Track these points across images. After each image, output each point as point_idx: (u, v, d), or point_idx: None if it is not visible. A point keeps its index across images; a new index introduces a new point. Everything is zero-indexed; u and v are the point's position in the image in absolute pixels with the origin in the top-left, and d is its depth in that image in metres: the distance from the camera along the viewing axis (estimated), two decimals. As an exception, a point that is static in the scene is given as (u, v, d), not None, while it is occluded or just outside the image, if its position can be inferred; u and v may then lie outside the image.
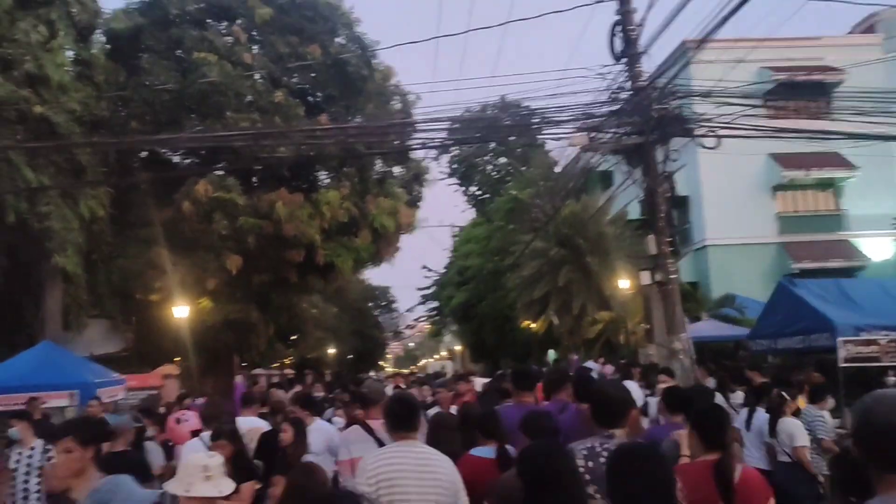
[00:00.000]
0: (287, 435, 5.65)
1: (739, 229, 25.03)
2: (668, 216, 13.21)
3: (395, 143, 17.25)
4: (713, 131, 12.82)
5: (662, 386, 7.56)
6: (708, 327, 17.63)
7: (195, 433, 6.33)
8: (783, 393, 6.64)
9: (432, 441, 4.63)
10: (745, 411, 7.11)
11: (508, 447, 4.31)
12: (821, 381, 8.16)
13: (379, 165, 20.16)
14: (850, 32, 28.89)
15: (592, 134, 13.28)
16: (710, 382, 10.61)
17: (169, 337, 18.24)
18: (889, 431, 1.99)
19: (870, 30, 27.65)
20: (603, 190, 28.08)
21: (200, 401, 10.84)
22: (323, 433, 6.23)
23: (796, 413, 6.68)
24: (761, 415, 6.82)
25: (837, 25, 49.56)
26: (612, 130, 13.55)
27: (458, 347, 51.57)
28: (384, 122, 17.17)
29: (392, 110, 19.47)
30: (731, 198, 25.19)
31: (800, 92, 25.00)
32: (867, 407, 2.10)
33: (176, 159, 19.77)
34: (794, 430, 6.39)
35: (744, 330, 15.99)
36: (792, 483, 6.11)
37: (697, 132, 12.93)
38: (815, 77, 24.26)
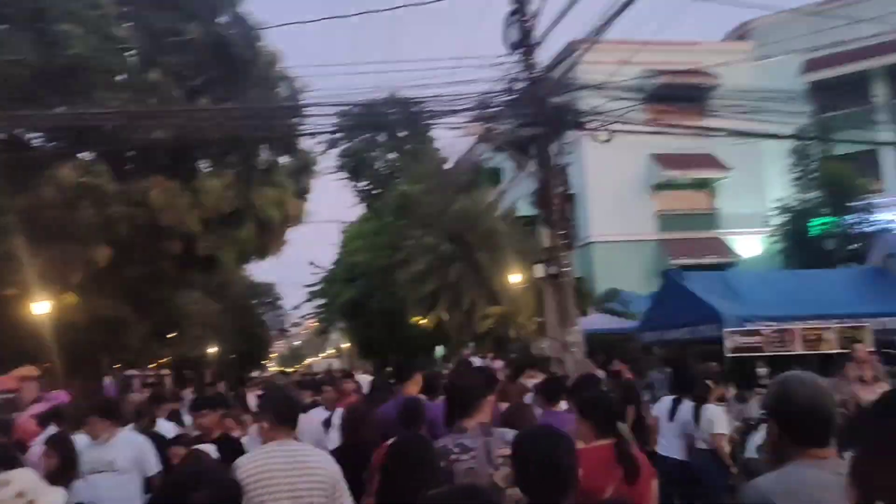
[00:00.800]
0: (50, 461, 4.79)
1: (622, 226, 25.76)
2: (562, 209, 13.20)
3: (283, 129, 16.44)
4: (605, 125, 12.95)
5: (530, 381, 7.55)
6: (597, 320, 17.93)
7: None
8: (707, 381, 6.62)
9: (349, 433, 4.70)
10: (669, 400, 7.05)
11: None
12: (719, 371, 8.25)
13: (265, 154, 19.22)
14: (724, 39, 30.39)
15: (488, 124, 13.11)
16: (600, 374, 10.66)
17: (28, 336, 16.63)
18: (811, 410, 2.21)
19: (743, 37, 29.16)
20: (492, 186, 28.22)
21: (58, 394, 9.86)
22: (131, 447, 5.56)
23: (721, 399, 6.69)
24: (686, 405, 6.77)
25: (714, 32, 52.14)
26: (508, 122, 13.46)
27: (345, 345, 50.72)
28: (270, 106, 16.34)
29: (279, 96, 18.59)
30: (615, 196, 25.88)
31: (679, 94, 26.01)
32: (789, 388, 2.30)
33: (37, 141, 18.06)
34: (715, 417, 6.40)
35: (632, 322, 16.31)
36: (706, 470, 6.08)
37: (590, 126, 13.01)
38: (694, 80, 25.30)
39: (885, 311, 11.01)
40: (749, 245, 26.40)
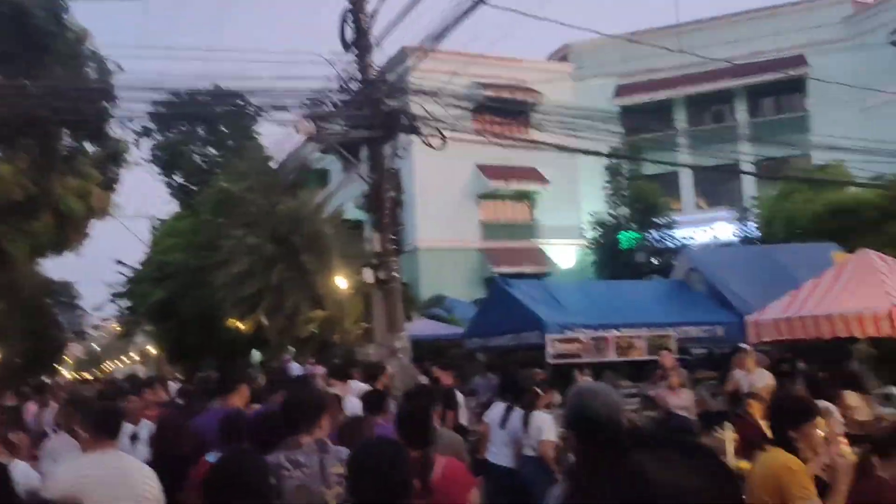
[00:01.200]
0: None
1: (448, 234, 26.17)
2: (393, 213, 13.07)
3: (89, 113, 14.97)
4: (439, 131, 12.98)
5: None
6: (423, 326, 17.97)
7: None
8: (537, 388, 6.63)
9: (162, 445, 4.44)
10: (501, 408, 6.98)
11: None
12: (545, 377, 8.40)
13: (68, 139, 17.43)
14: (548, 58, 31.93)
15: (320, 123, 12.67)
16: (423, 380, 10.60)
17: None
18: (605, 421, 2.34)
19: (564, 58, 30.78)
20: (319, 188, 27.63)
21: None
22: None
23: (548, 406, 6.72)
24: (517, 413, 6.74)
25: (538, 51, 54.57)
26: (341, 123, 13.10)
27: (152, 349, 47.37)
28: (75, 86, 14.82)
29: (86, 77, 16.94)
30: (441, 203, 26.25)
31: (506, 107, 26.95)
32: (582, 400, 2.45)
33: None
34: (543, 424, 6.41)
35: (458, 329, 16.49)
36: (532, 478, 6.08)
37: (424, 131, 12.98)
38: (519, 95, 26.30)
39: (687, 320, 11.89)
40: (565, 255, 27.83)
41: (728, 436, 7.75)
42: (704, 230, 25.10)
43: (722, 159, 22.70)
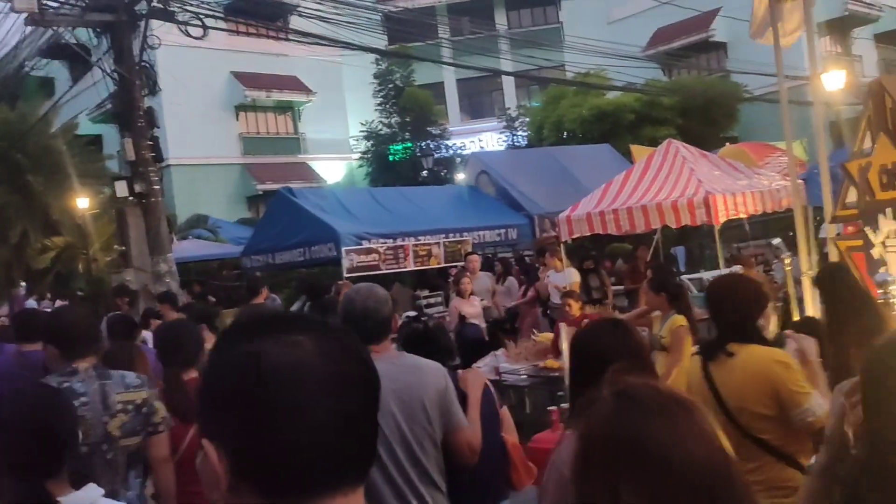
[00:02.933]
0: None
1: (203, 149, 23.72)
2: (149, 116, 11.04)
3: None
4: (199, 18, 11.08)
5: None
6: (191, 247, 15.99)
7: None
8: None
9: None
10: None
11: None
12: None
13: None
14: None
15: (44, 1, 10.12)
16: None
17: None
18: (364, 315, 2.62)
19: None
20: (44, 99, 23.47)
21: None
22: None
23: None
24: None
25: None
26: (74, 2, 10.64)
27: None
28: None
29: None
30: (193, 115, 23.57)
31: (260, 10, 24.63)
32: (348, 298, 2.80)
33: None
34: None
35: (230, 248, 14.88)
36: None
37: (181, 17, 11.00)
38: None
39: (482, 224, 11.58)
40: (334, 170, 26.68)
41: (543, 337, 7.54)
42: (472, 141, 25.30)
43: (483, 72, 22.91)
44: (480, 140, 25.14)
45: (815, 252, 5.85)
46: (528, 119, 21.28)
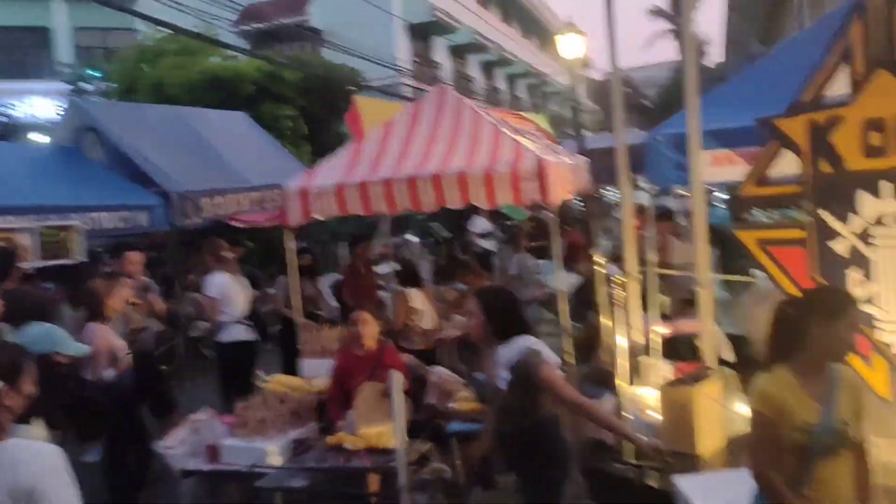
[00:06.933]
0: None
1: None
2: None
3: None
4: None
5: None
6: None
7: None
8: None
9: None
10: None
11: None
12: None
13: None
14: None
15: None
16: None
17: None
18: None
19: None
20: None
21: None
22: None
23: None
24: None
25: None
26: None
27: None
28: None
29: None
30: None
31: None
32: None
33: None
34: None
35: None
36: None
37: None
38: None
39: (97, 203, 7.67)
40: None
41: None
42: (17, 104, 19.09)
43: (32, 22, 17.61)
44: (30, 104, 19.13)
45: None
46: (108, 81, 16.61)
